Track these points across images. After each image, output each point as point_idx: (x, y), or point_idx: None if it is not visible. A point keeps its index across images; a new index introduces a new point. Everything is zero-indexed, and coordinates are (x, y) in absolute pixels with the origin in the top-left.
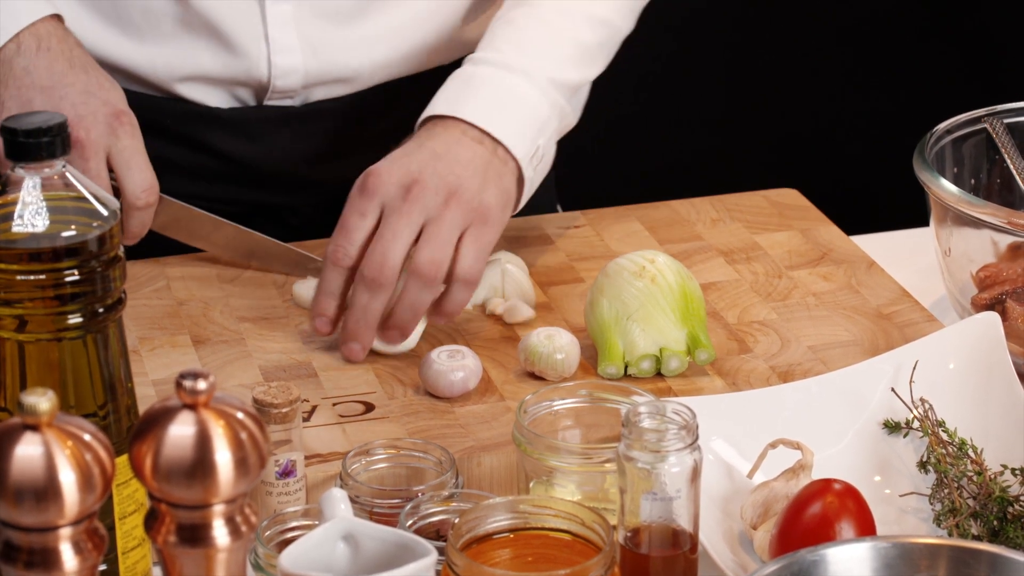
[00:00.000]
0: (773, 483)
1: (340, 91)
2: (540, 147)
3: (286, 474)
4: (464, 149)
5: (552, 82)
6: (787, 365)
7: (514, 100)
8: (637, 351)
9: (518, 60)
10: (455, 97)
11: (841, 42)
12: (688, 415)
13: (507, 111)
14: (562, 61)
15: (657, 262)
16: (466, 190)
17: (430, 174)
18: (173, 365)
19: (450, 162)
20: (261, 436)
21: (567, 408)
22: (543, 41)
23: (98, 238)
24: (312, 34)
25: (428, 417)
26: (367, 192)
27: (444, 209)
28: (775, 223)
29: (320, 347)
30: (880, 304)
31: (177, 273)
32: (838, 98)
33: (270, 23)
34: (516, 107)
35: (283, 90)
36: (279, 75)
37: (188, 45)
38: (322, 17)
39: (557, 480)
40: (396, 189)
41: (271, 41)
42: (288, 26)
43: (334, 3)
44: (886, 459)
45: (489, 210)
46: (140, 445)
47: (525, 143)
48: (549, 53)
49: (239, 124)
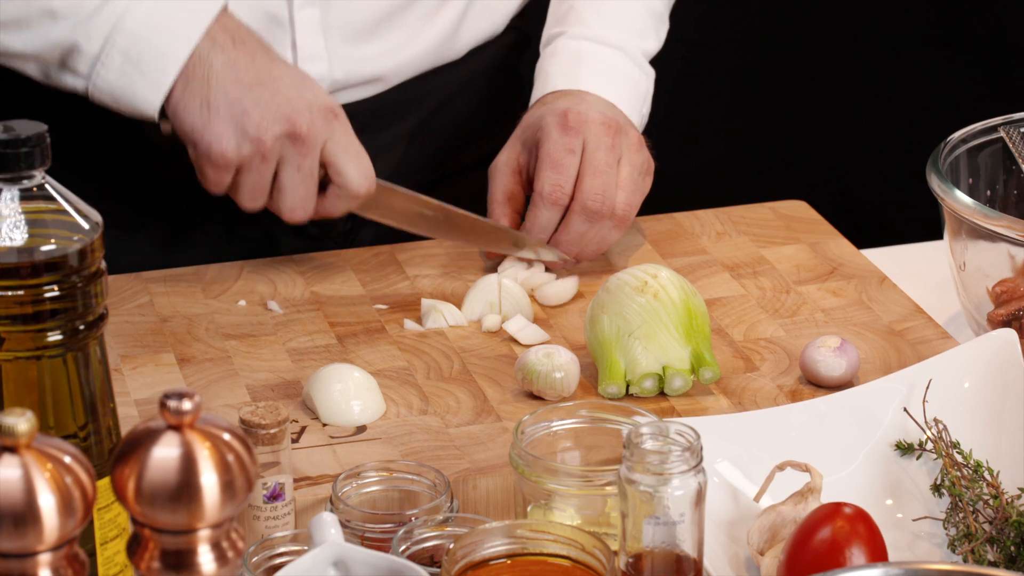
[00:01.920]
0: (781, 507)
1: (363, 94)
2: (643, 116)
3: (274, 497)
4: (610, 108)
5: (643, 53)
6: (795, 384)
7: (619, 74)
8: (639, 370)
9: (610, 35)
10: (570, 72)
11: (851, 48)
12: (692, 436)
13: (617, 84)
14: (644, 32)
15: (660, 277)
16: (635, 132)
17: (617, 115)
18: (157, 384)
19: (615, 112)
20: (248, 458)
21: (566, 429)
22: (623, 14)
23: (79, 252)
24: (337, 41)
25: (422, 438)
26: (572, 130)
27: (635, 153)
28: (783, 236)
29: (310, 365)
30: (892, 321)
31: (161, 289)
32: (848, 106)
33: (298, 29)
34: (622, 80)
35: None
36: None
37: None
38: (349, 23)
39: (556, 504)
40: (598, 127)
41: (298, 48)
42: (315, 32)
43: (361, 9)
44: (898, 482)
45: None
46: (123, 468)
47: (637, 116)
48: (633, 25)
49: None
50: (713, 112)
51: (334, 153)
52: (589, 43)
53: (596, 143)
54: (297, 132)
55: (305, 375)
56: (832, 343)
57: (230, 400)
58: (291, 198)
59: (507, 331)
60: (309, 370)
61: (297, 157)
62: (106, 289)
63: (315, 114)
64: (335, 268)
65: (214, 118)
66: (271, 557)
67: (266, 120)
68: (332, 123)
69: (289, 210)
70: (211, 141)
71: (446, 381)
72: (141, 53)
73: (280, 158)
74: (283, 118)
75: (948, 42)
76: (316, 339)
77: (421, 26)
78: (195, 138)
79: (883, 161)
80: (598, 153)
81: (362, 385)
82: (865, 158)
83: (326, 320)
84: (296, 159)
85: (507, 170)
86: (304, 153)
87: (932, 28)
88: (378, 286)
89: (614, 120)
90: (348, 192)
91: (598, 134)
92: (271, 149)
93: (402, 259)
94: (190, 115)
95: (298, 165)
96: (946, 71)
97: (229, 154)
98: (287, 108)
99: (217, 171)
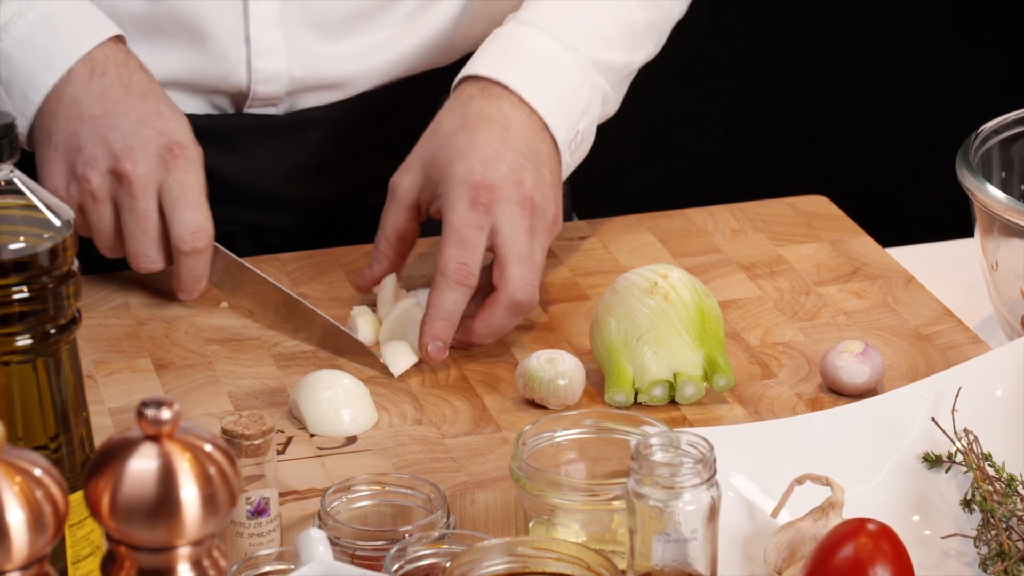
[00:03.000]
0: (800, 523)
1: (329, 98)
2: (580, 132)
3: (258, 513)
4: (539, 143)
5: (596, 63)
6: (815, 392)
7: (558, 75)
8: (649, 376)
9: (562, 31)
10: (500, 58)
11: (875, 34)
12: (705, 447)
13: (551, 85)
14: (609, 41)
15: (671, 277)
16: (550, 206)
17: (535, 190)
18: (133, 392)
19: (540, 171)
20: (231, 471)
21: (571, 439)
22: (589, 15)
23: (49, 251)
24: (299, 36)
25: (416, 450)
26: (482, 208)
27: (546, 237)
28: (802, 234)
29: (296, 372)
30: (919, 324)
31: (137, 290)
32: (872, 95)
33: (252, 22)
34: (559, 83)
35: (265, 97)
36: (261, 80)
37: (158, 47)
38: (311, 17)
39: (559, 519)
40: (512, 207)
41: (252, 42)
42: (272, 26)
43: (331, 3)
44: (925, 497)
45: (558, 221)
46: (97, 481)
47: (565, 125)
48: (594, 29)
49: (216, 134)
50: (728, 102)
51: (165, 200)
52: (536, 33)
53: (514, 226)
54: (121, 170)
55: (291, 382)
56: (855, 348)
57: (211, 409)
58: (131, 244)
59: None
60: (296, 377)
61: (128, 199)
62: (79, 290)
63: (150, 152)
64: (323, 267)
65: (52, 156)
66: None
67: (95, 158)
68: (170, 163)
69: (132, 257)
70: (44, 179)
71: (442, 388)
72: (12, 76)
73: (115, 200)
74: (110, 155)
75: (979, 27)
76: (303, 344)
77: (405, 27)
78: (39, 173)
79: (910, 153)
80: (519, 236)
81: (352, 393)
82: (890, 150)
83: None
84: (127, 201)
85: (406, 201)
86: (133, 195)
87: (962, 13)
88: None
89: (529, 199)
90: (172, 245)
91: (514, 216)
92: (98, 188)
93: None
94: (39, 151)
95: (130, 207)
96: (977, 57)
97: (60, 193)
98: (118, 144)
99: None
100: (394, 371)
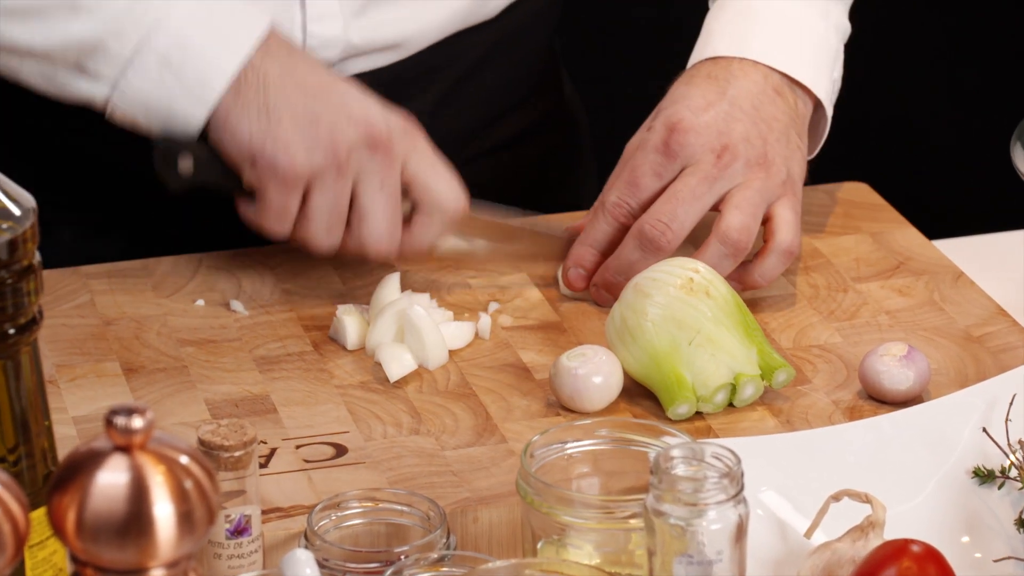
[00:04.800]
0: (837, 544)
1: (382, 61)
2: (835, 81)
3: (239, 532)
4: (769, 104)
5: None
6: (853, 399)
7: (802, 32)
8: (712, 381)
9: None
10: (738, 33)
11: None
12: (732, 460)
13: (799, 46)
14: None
15: (702, 271)
16: (776, 162)
17: (741, 140)
18: (99, 399)
19: (760, 126)
20: (210, 485)
21: (583, 452)
22: None
23: (8, 243)
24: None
25: (413, 462)
26: (671, 152)
27: (753, 179)
28: (840, 225)
29: (281, 376)
30: (969, 325)
31: (103, 286)
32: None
33: None
34: (806, 40)
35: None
36: (316, 46)
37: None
38: None
39: (571, 540)
40: (705, 153)
41: (308, 6)
42: None
43: None
44: (976, 515)
45: (795, 183)
46: (61, 496)
47: (824, 81)
48: None
49: None
50: None
51: (420, 169)
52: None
53: (693, 169)
54: (378, 139)
55: (275, 388)
56: (898, 351)
57: (186, 417)
58: (375, 224)
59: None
60: (279, 382)
61: (380, 170)
62: (40, 286)
63: (392, 123)
64: (310, 262)
65: (276, 125)
66: None
67: (339, 124)
68: (412, 136)
69: (375, 241)
70: (276, 152)
71: (441, 395)
72: (184, 60)
73: (357, 175)
74: (360, 122)
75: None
76: (288, 345)
77: None
78: (254, 150)
79: (959, 136)
80: (688, 179)
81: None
82: (938, 133)
83: (299, 323)
84: (378, 173)
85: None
86: (388, 165)
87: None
88: (361, 283)
89: (732, 147)
90: (440, 212)
91: (702, 162)
92: (347, 159)
93: None
94: (245, 124)
95: (381, 181)
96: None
97: (299, 165)
98: (361, 111)
99: (284, 190)
100: (390, 376)
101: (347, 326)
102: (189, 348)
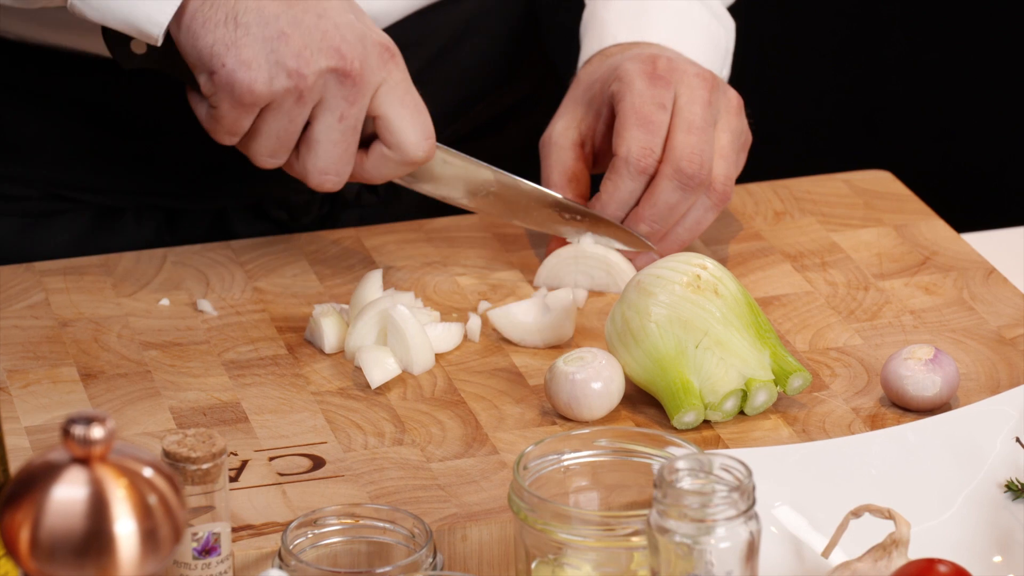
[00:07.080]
0: (857, 564)
1: None
2: (724, 79)
3: (207, 551)
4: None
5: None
6: (875, 406)
7: (694, 25)
8: (721, 387)
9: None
10: (634, 20)
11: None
12: (742, 473)
13: (692, 37)
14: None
15: (710, 268)
16: (736, 98)
17: (705, 69)
18: (55, 407)
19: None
20: (175, 500)
21: (581, 464)
22: None
23: None
24: None
25: (396, 476)
26: (660, 79)
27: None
28: (860, 217)
29: (253, 383)
30: (1002, 325)
31: (59, 284)
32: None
33: None
34: (698, 33)
35: None
36: None
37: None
38: None
39: (568, 559)
40: (691, 77)
41: None
42: None
43: None
44: (1009, 533)
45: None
46: (14, 513)
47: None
48: None
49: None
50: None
51: (387, 103)
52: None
53: (691, 96)
54: (348, 69)
55: (245, 395)
56: (924, 354)
57: (149, 427)
58: (324, 155)
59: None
60: (251, 388)
61: (342, 102)
62: None
63: (369, 49)
64: (285, 258)
65: (242, 39)
66: None
67: (309, 48)
68: (388, 64)
69: (319, 172)
70: (236, 68)
71: (427, 402)
72: None
73: (319, 101)
74: (331, 49)
75: None
76: (260, 348)
77: None
78: (214, 63)
79: (989, 122)
80: (694, 107)
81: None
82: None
83: (272, 325)
84: (340, 104)
85: (565, 142)
86: (352, 98)
87: None
88: (339, 280)
89: (709, 73)
90: (402, 156)
91: (693, 86)
92: (311, 87)
93: (371, 246)
94: (209, 32)
95: (341, 113)
96: None
97: (258, 87)
98: (335, 37)
99: (237, 110)
100: (372, 382)
101: (324, 328)
102: (153, 351)
